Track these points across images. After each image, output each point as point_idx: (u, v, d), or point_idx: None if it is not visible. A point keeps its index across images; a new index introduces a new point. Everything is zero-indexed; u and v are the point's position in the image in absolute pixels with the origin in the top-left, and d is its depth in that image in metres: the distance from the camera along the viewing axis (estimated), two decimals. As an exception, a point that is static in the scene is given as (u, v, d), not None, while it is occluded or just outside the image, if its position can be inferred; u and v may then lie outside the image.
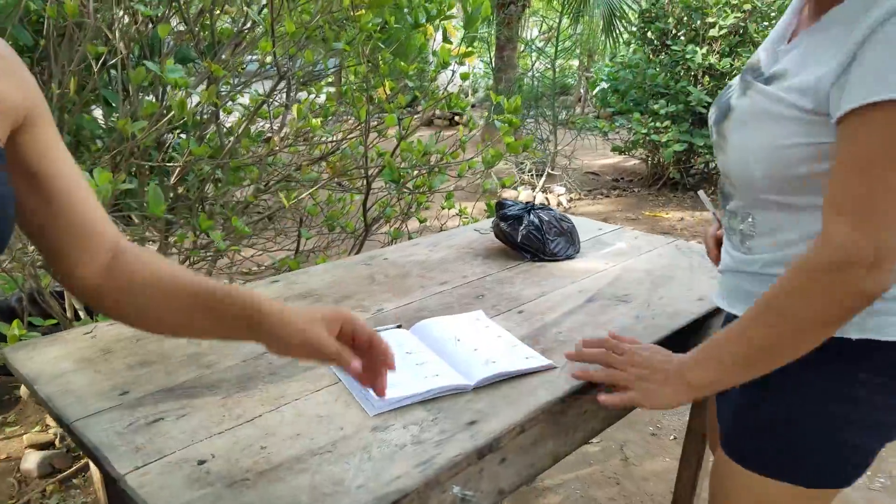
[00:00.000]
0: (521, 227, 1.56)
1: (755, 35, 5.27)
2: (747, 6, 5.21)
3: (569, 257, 1.58)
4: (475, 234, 1.73)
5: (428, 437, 0.81)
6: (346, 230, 2.22)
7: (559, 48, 7.04)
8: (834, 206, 0.75)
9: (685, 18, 5.45)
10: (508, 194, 6.33)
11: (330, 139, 2.07)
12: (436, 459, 0.77)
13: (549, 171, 6.45)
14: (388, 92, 1.85)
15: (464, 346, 1.03)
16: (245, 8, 1.43)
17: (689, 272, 1.47)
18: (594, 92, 7.78)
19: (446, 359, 0.99)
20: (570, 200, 6.10)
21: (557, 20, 6.31)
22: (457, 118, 11.24)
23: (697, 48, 5.27)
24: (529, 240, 1.56)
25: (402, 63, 1.92)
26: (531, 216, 1.59)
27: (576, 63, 11.43)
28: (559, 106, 7.19)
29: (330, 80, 1.81)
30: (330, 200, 2.30)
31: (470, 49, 1.75)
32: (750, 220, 0.94)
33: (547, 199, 6.04)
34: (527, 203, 1.67)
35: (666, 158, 5.61)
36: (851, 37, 0.74)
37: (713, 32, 5.22)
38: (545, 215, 1.60)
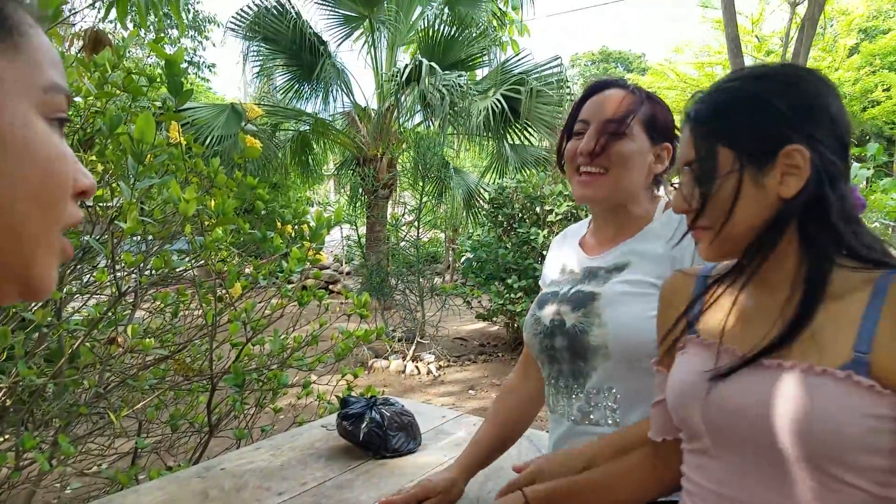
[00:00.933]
0: (363, 425, 1.64)
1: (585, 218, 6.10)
2: (578, 195, 6.07)
3: (410, 451, 1.65)
4: (321, 432, 1.77)
5: None
6: (194, 425, 2.16)
7: (424, 223, 7.64)
8: None
9: (528, 205, 6.20)
10: (380, 364, 6.39)
11: (179, 337, 2.08)
12: None
13: (419, 339, 6.64)
14: (240, 292, 1.95)
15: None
16: (85, 237, 1.50)
17: (517, 458, 1.60)
18: (461, 261, 8.36)
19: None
20: (440, 368, 6.25)
21: (419, 202, 6.89)
22: (331, 287, 11.43)
23: (539, 230, 5.96)
24: (371, 437, 1.62)
25: (256, 262, 2.05)
26: (373, 412, 1.67)
27: (443, 236, 12.30)
28: (430, 273, 7.63)
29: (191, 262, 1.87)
30: (178, 395, 2.25)
31: (319, 255, 1.93)
32: (614, 391, 1.10)
33: (417, 367, 6.16)
34: (370, 398, 1.75)
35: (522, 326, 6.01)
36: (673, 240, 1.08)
37: (551, 217, 5.97)
38: (386, 410, 1.69)
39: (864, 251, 0.75)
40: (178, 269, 1.88)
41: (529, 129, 8.11)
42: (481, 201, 8.49)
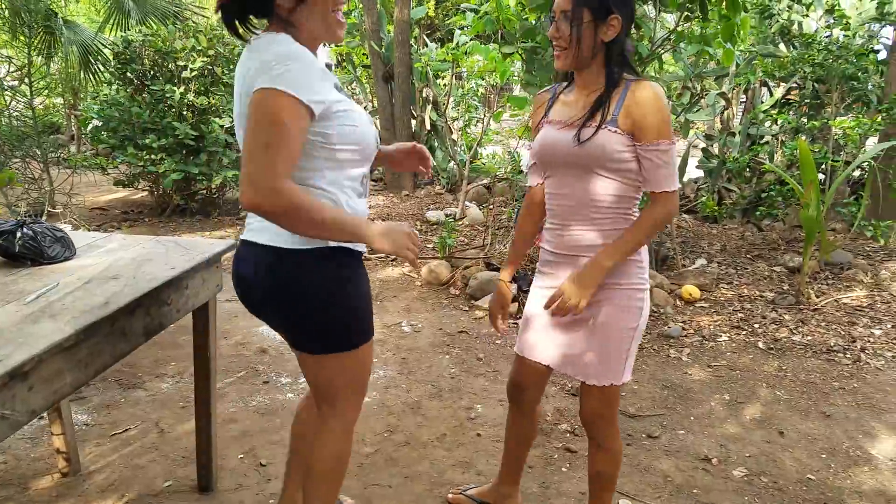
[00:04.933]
0: (17, 239, 1.85)
1: (223, 76, 6.24)
2: (211, 52, 6.11)
3: (67, 259, 1.93)
4: (-30, 257, 1.91)
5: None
6: None
7: (36, 86, 6.66)
8: None
9: (159, 61, 6.01)
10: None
11: None
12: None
13: (49, 209, 6.12)
14: None
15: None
16: None
17: (165, 255, 2.01)
18: (87, 129, 7.63)
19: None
20: (79, 239, 5.96)
21: (27, 59, 5.99)
22: None
23: (175, 88, 5.90)
24: (27, 248, 1.85)
25: None
26: (25, 229, 1.89)
27: (60, 101, 10.69)
28: (50, 145, 6.80)
29: None
30: None
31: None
32: None
33: (51, 241, 5.75)
34: (19, 220, 1.94)
35: (167, 186, 6.08)
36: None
37: (186, 74, 5.95)
38: (38, 227, 1.92)
39: (629, 70, 1.64)
40: None
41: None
42: (101, 60, 7.70)
